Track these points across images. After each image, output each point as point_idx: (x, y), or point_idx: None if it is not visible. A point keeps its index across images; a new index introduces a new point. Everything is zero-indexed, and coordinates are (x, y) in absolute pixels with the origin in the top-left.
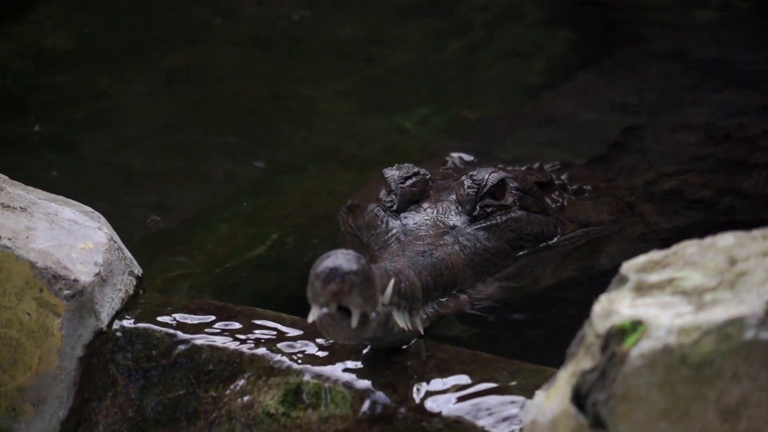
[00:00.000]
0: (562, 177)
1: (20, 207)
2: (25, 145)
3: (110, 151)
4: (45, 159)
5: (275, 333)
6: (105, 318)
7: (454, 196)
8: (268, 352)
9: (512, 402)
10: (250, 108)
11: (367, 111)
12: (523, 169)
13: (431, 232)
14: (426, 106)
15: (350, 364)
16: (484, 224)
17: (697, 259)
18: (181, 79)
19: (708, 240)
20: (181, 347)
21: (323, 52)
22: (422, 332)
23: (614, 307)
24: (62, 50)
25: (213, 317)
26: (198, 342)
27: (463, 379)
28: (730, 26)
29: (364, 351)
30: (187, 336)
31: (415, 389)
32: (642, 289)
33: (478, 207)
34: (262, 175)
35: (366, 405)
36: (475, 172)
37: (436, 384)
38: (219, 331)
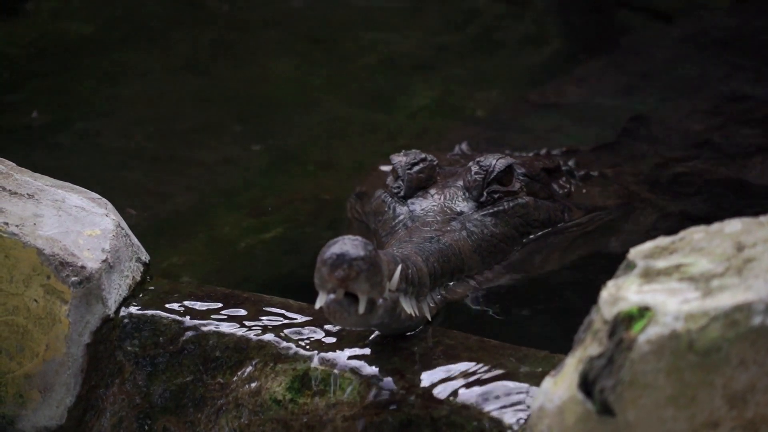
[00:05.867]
0: (569, 163)
1: (27, 194)
2: (24, 132)
3: (116, 138)
4: (46, 146)
5: (282, 319)
6: (112, 305)
7: (461, 182)
8: (275, 338)
9: (519, 388)
10: (257, 94)
11: (374, 97)
12: (530, 155)
13: (438, 218)
14: (433, 92)
15: (357, 350)
16: (491, 210)
17: (704, 245)
18: (186, 67)
19: (715, 226)
20: (189, 334)
21: (329, 38)
22: (429, 318)
23: (621, 293)
24: (66, 37)
25: (220, 304)
26: (205, 329)
27: (471, 365)
28: (740, 10)
29: (372, 337)
30: (195, 322)
31: (422, 376)
32: (649, 275)
33: (485, 193)
34: (270, 162)
35: (373, 391)
36: (482, 158)
37: (444, 370)
38: (226, 317)
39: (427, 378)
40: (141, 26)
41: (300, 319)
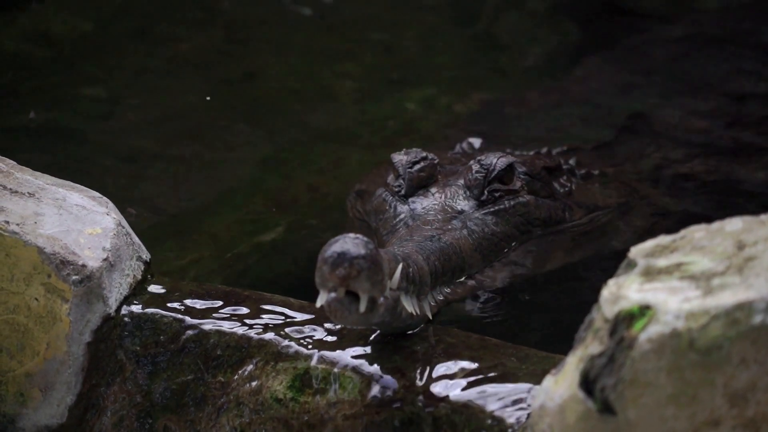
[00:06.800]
0: (570, 162)
1: (28, 192)
2: (23, 131)
3: (117, 138)
4: (46, 147)
5: (283, 318)
6: (113, 303)
7: (462, 181)
8: (276, 337)
9: (520, 387)
10: (257, 92)
11: (375, 95)
12: (531, 153)
13: (439, 217)
14: (434, 90)
15: (358, 349)
16: (492, 209)
17: (705, 243)
18: (187, 65)
19: (716, 224)
20: (189, 332)
21: (331, 36)
22: (430, 317)
23: (622, 291)
24: (67, 36)
25: (221, 302)
26: (206, 327)
27: (471, 364)
28: (740, 10)
29: (373, 336)
30: (195, 321)
31: (423, 374)
32: (650, 274)
33: (486, 192)
34: (270, 160)
35: (374, 390)
36: (483, 157)
37: (444, 369)
38: (227, 316)
39: (427, 376)
40: (146, 25)
41: (301, 317)
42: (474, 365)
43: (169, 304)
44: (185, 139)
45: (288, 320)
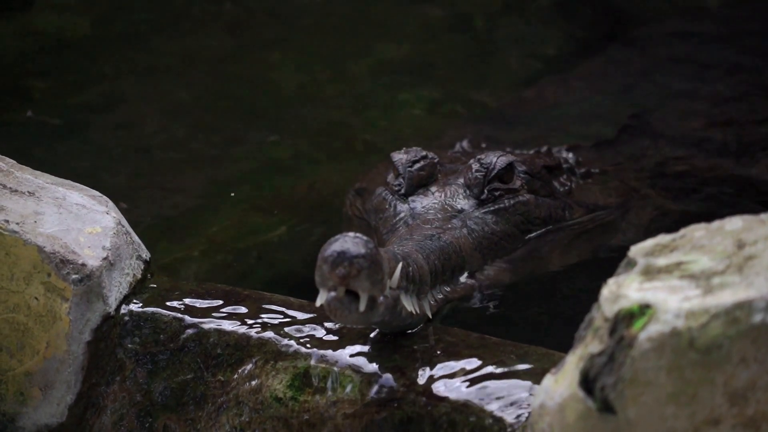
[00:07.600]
0: (570, 160)
1: (28, 191)
2: (21, 131)
3: (116, 137)
4: (46, 146)
5: (283, 317)
6: (113, 302)
7: (462, 180)
8: (276, 336)
9: (520, 386)
10: (256, 92)
11: (374, 95)
12: (531, 152)
13: (439, 216)
14: (434, 90)
15: (358, 348)
16: (491, 208)
17: (705, 242)
18: (186, 64)
19: (716, 224)
20: (189, 331)
21: (331, 36)
22: (430, 316)
23: (622, 290)
24: (66, 35)
25: (221, 301)
26: (206, 326)
27: (471, 362)
28: (740, 8)
29: (372, 335)
30: (195, 320)
31: (422, 373)
32: (650, 273)
33: (486, 191)
34: (269, 160)
35: (374, 389)
36: (483, 156)
37: (444, 368)
38: (227, 315)
39: (427, 375)
40: (147, 25)
41: (301, 316)
42: (474, 364)
43: (168, 303)
44: (185, 138)
45: (288, 319)
